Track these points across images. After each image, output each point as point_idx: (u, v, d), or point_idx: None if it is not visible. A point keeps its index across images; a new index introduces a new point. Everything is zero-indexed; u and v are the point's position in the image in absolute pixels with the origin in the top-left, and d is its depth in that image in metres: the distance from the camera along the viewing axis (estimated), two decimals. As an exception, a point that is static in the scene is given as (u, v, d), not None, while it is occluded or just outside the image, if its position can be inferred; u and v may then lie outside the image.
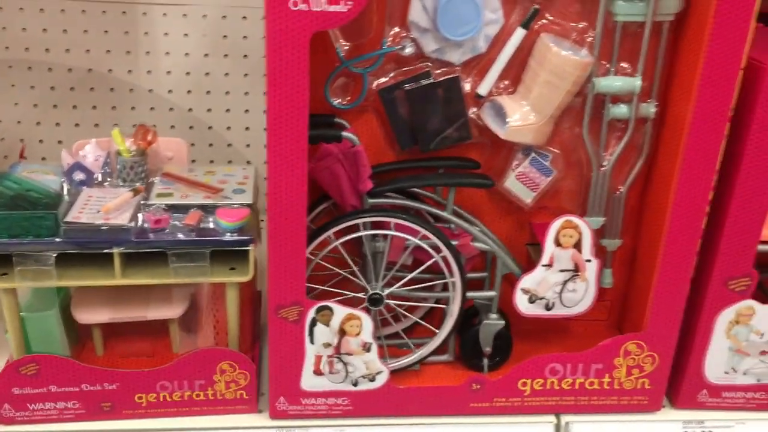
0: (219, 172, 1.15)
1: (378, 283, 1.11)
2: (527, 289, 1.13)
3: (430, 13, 1.02)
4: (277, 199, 0.98)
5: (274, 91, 0.92)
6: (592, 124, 1.11)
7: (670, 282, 1.09)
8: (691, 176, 1.03)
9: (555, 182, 1.16)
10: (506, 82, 1.09)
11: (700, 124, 1.00)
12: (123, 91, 1.60)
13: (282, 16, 0.89)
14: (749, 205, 1.05)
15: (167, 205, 1.04)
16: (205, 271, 1.02)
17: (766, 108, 0.99)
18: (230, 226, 1.02)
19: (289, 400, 1.12)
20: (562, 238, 1.10)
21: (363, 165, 1.05)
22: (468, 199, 1.18)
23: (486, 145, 1.14)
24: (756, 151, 1.01)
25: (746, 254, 1.08)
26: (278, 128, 0.95)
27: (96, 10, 1.52)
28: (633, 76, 1.07)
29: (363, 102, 1.09)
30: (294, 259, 1.02)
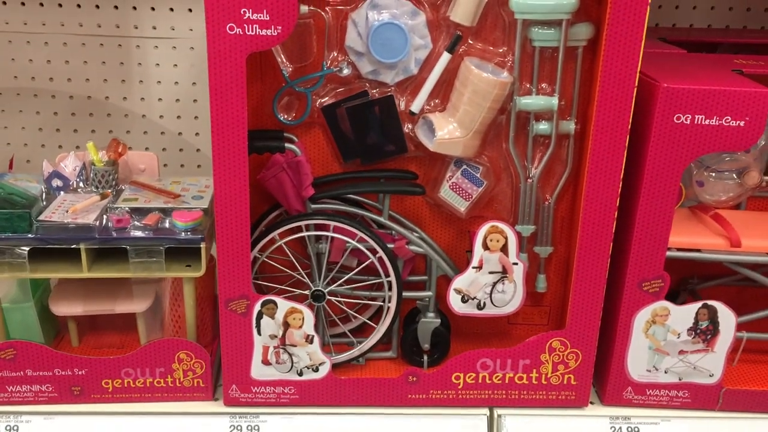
0: (184, 181, 1.29)
1: (320, 281, 1.23)
2: (459, 289, 1.23)
3: (364, 39, 1.15)
4: (223, 203, 1.11)
5: (216, 106, 1.06)
6: (518, 139, 1.22)
7: (586, 283, 1.19)
8: (598, 186, 1.13)
9: (488, 192, 1.26)
10: (436, 100, 1.21)
11: (601, 137, 1.10)
12: (119, 117, 1.76)
13: (220, 40, 1.03)
14: (654, 211, 1.15)
15: (130, 208, 1.17)
16: (161, 267, 1.15)
17: (662, 121, 1.09)
18: (184, 226, 1.15)
19: (240, 388, 1.23)
20: (489, 242, 1.21)
21: (305, 173, 1.17)
22: (411, 209, 1.30)
23: (423, 158, 1.26)
24: (656, 160, 1.11)
25: (657, 257, 1.18)
26: (221, 140, 1.08)
27: (95, 43, 1.69)
28: (552, 95, 1.18)
29: (309, 119, 1.22)
30: (240, 256, 1.14)
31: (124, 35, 1.68)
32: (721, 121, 1.09)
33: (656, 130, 1.10)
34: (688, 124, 1.09)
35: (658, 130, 1.10)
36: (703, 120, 1.09)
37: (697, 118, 1.09)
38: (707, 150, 1.10)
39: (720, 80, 1.11)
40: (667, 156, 1.11)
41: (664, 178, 1.13)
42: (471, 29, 1.16)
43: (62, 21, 1.66)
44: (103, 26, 1.68)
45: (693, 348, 1.23)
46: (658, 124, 1.10)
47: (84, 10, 1.66)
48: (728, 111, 1.08)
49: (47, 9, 1.65)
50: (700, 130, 1.09)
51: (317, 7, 1.15)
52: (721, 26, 1.70)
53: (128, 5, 1.66)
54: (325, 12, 1.15)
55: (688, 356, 1.24)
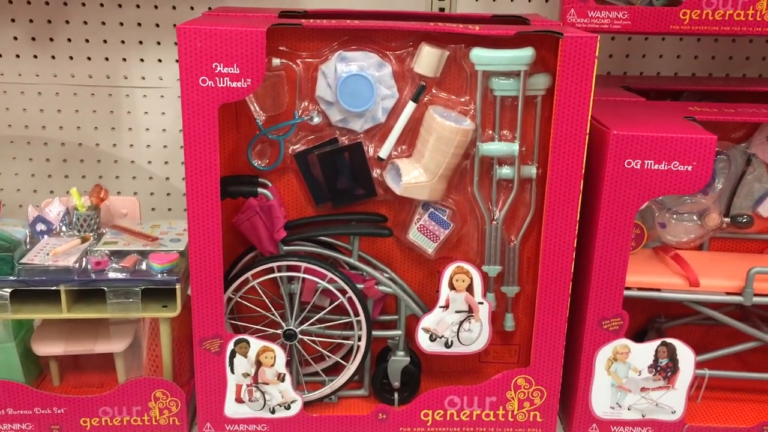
0: (163, 225, 1.34)
1: (293, 320, 1.27)
2: (428, 328, 1.28)
3: (333, 90, 1.21)
4: (197, 246, 1.16)
5: (189, 154, 1.12)
6: (482, 183, 1.27)
7: (548, 322, 1.23)
8: (556, 228, 1.18)
9: (455, 234, 1.31)
10: (403, 146, 1.27)
11: (557, 182, 1.16)
12: (109, 163, 1.82)
13: (194, 92, 1.09)
14: (611, 252, 1.19)
15: (110, 250, 1.23)
16: (137, 307, 1.20)
17: (614, 166, 1.15)
18: (160, 268, 1.20)
19: (214, 426, 1.27)
20: (455, 282, 1.26)
21: (276, 217, 1.23)
22: (382, 249, 1.35)
23: (392, 201, 1.31)
24: (609, 203, 1.17)
25: (615, 296, 1.22)
26: (195, 186, 1.13)
27: (86, 93, 1.76)
28: (513, 142, 1.24)
29: (282, 164, 1.28)
30: (213, 296, 1.19)
31: (114, 85, 1.76)
32: (669, 166, 1.14)
33: (608, 175, 1.15)
34: (638, 168, 1.15)
35: (611, 174, 1.15)
36: (652, 165, 1.14)
37: (647, 163, 1.14)
38: (658, 193, 1.16)
39: (670, 127, 1.17)
40: (620, 199, 1.16)
41: (619, 221, 1.18)
42: (435, 80, 1.22)
43: (55, 72, 1.74)
44: (95, 77, 1.75)
45: (654, 385, 1.27)
46: (610, 169, 1.15)
47: (76, 62, 1.73)
48: (676, 156, 1.13)
49: (41, 60, 1.73)
50: (650, 174, 1.15)
51: (289, 59, 1.22)
52: (687, 74, 1.77)
53: (118, 57, 1.73)
54: (296, 64, 1.22)
55: (650, 393, 1.27)
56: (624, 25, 1.38)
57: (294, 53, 1.22)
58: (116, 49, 1.73)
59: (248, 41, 1.08)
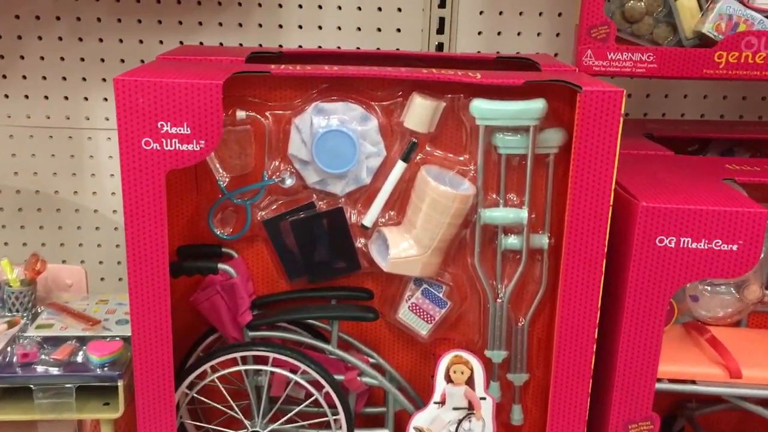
0: (112, 300, 1.15)
1: (259, 419, 1.07)
2: (420, 427, 1.08)
3: (309, 147, 1.03)
4: (141, 338, 0.97)
5: (131, 229, 0.93)
6: (484, 255, 1.08)
7: (563, 425, 1.03)
8: (573, 313, 0.99)
9: (453, 314, 1.12)
10: (392, 212, 1.08)
11: (574, 258, 0.97)
12: (69, 212, 1.64)
13: (135, 156, 0.90)
14: (639, 343, 1.00)
15: (42, 337, 1.04)
16: (71, 408, 1.00)
17: (643, 243, 0.95)
18: (99, 361, 1.01)
19: None
20: (453, 374, 1.06)
21: (240, 297, 1.04)
22: (367, 330, 1.15)
23: (380, 275, 1.12)
24: (638, 286, 0.97)
25: (644, 396, 1.02)
26: (138, 265, 0.94)
27: (43, 135, 1.58)
28: (521, 207, 1.05)
29: (251, 232, 1.09)
30: (162, 396, 0.99)
31: (74, 127, 1.59)
32: (710, 245, 0.95)
33: (637, 253, 0.96)
34: (672, 247, 0.95)
35: (639, 253, 0.96)
36: (690, 243, 0.95)
37: (683, 241, 0.95)
38: (696, 277, 0.96)
39: (709, 195, 0.98)
40: (651, 282, 0.97)
41: (649, 307, 0.98)
42: (428, 135, 1.04)
43: (8, 113, 1.57)
44: (53, 117, 1.58)
45: (690, 498, 1.07)
46: (638, 247, 0.96)
47: (32, 102, 1.57)
48: (719, 233, 0.94)
49: (-8, 100, 1.55)
50: (687, 254, 0.95)
51: (257, 111, 1.03)
52: (715, 116, 1.58)
53: (79, 96, 1.56)
54: (265, 117, 1.04)
55: (685, 507, 1.07)
56: (649, 69, 1.19)
57: (263, 104, 1.04)
58: (77, 87, 1.56)
59: (201, 96, 0.89)
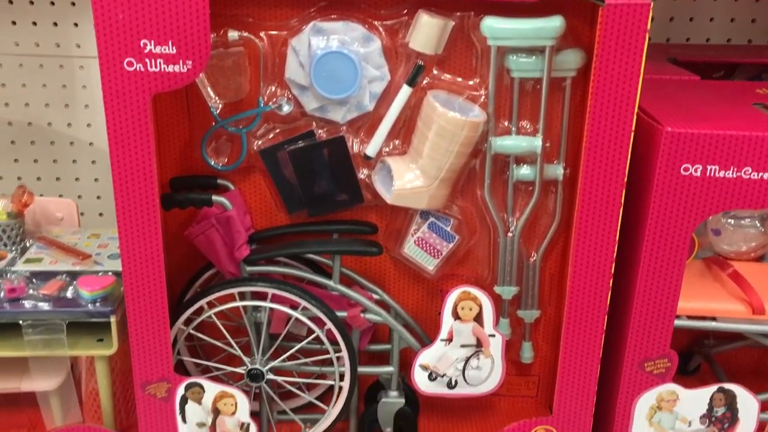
0: (104, 234, 1.10)
1: (259, 356, 1.03)
2: (426, 365, 1.04)
3: (307, 70, 0.95)
4: (132, 268, 0.92)
5: (116, 155, 0.87)
6: (495, 187, 1.02)
7: (576, 362, 0.99)
8: (589, 246, 0.93)
9: (461, 248, 1.07)
10: (396, 141, 1.01)
11: (591, 188, 0.90)
12: (63, 145, 1.58)
13: (117, 78, 0.84)
14: (659, 278, 0.94)
15: (30, 272, 0.99)
16: (62, 344, 0.96)
17: (667, 172, 0.89)
18: (90, 296, 0.96)
19: (165, 483, 1.04)
20: (460, 311, 1.01)
21: (237, 231, 0.98)
22: (372, 266, 1.10)
23: (385, 208, 1.06)
24: (660, 218, 0.91)
25: (662, 333, 0.97)
26: (126, 197, 0.89)
27: (33, 64, 1.51)
28: (534, 135, 0.98)
29: (247, 163, 1.03)
30: (156, 331, 0.95)
31: (65, 55, 1.51)
32: (739, 173, 0.88)
33: (659, 183, 0.89)
34: (698, 176, 0.88)
35: (662, 182, 0.89)
36: (717, 171, 0.88)
37: (710, 169, 0.88)
38: (723, 208, 0.90)
39: (738, 120, 0.91)
40: (674, 213, 0.91)
41: (671, 240, 0.92)
42: (435, 57, 0.96)
43: (-4, 40, 1.49)
44: (42, 45, 1.50)
45: (707, 438, 1.03)
46: (661, 176, 0.89)
47: (20, 28, 1.49)
48: (748, 161, 0.87)
49: (-23, 28, 1.47)
50: (714, 183, 0.88)
51: (250, 32, 0.96)
52: (742, 41, 1.49)
53: (68, 22, 1.48)
54: (259, 38, 0.96)
55: (701, 447, 1.03)
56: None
57: (257, 23, 0.96)
58: (66, 13, 1.47)
59: (186, 10, 0.82)
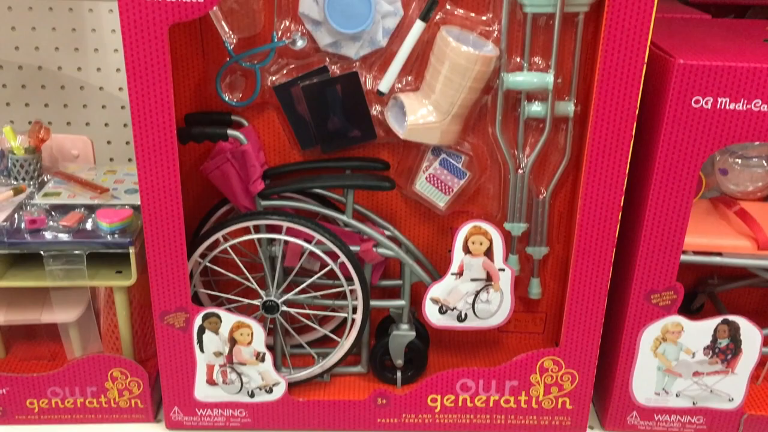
0: (120, 171, 1.12)
1: (274, 289, 1.06)
2: (437, 298, 1.06)
3: (321, 5, 0.96)
4: (150, 200, 0.94)
5: (134, 86, 0.88)
6: (506, 123, 1.03)
7: (584, 295, 1.01)
8: (599, 179, 0.94)
9: (472, 185, 1.08)
10: (409, 77, 1.02)
11: (602, 122, 0.91)
12: (74, 89, 1.58)
13: (135, 8, 0.84)
14: (667, 212, 0.96)
15: (49, 205, 1.01)
16: (82, 275, 0.98)
17: (678, 105, 0.90)
18: (109, 228, 0.98)
19: (183, 411, 1.07)
20: (471, 245, 1.03)
21: (252, 165, 1.00)
22: (383, 203, 1.12)
23: (396, 144, 1.08)
24: (669, 151, 0.92)
25: (669, 266, 0.99)
26: (144, 129, 0.90)
27: (43, 7, 1.51)
28: (546, 72, 0.99)
29: (261, 99, 1.04)
30: (174, 262, 0.97)
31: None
32: (749, 106, 0.89)
33: (670, 116, 0.91)
34: (708, 108, 0.89)
35: (673, 115, 0.90)
36: (727, 104, 0.89)
37: (721, 102, 0.89)
38: (733, 140, 0.91)
39: (749, 54, 0.91)
40: (684, 147, 0.92)
41: (680, 173, 0.93)
42: (448, -8, 0.97)
43: (5, -18, 1.49)
44: (51, -12, 1.50)
45: (710, 369, 1.05)
46: (672, 109, 0.90)
47: (28, -31, 1.48)
48: (759, 93, 0.88)
49: (-14, -31, 1.47)
50: (724, 116, 0.90)
51: (264, -34, 0.96)
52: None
53: (77, -38, 1.48)
54: (273, -28, 0.97)
55: (704, 378, 1.06)
56: None
57: (271, -43, 0.96)
58: (74, -47, 1.47)
59: (204, -60, 0.82)
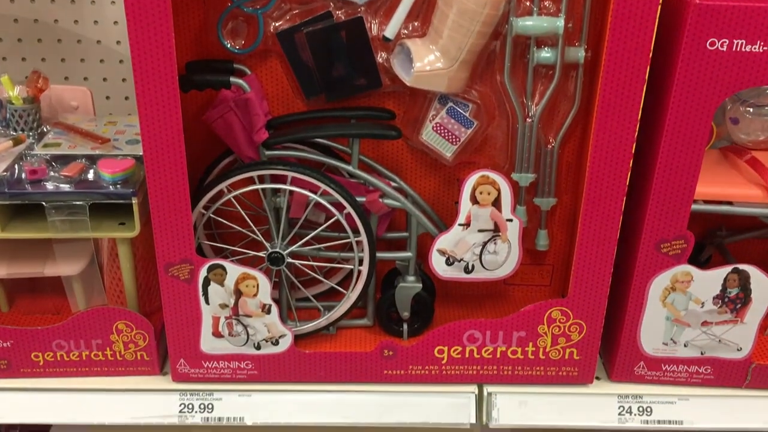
0: (120, 122, 1.10)
1: (279, 241, 1.04)
2: (444, 249, 1.05)
3: (325, -53, 0.93)
4: (153, 149, 0.92)
5: (135, 34, 0.85)
6: (515, 71, 1.01)
7: (593, 244, 1.00)
8: (610, 126, 0.92)
9: (479, 135, 1.06)
10: (416, 23, 0.99)
11: (614, 67, 0.89)
12: (71, 43, 1.55)
13: (134, -53, 0.82)
14: (679, 159, 0.94)
15: (50, 155, 0.99)
16: (85, 226, 0.97)
17: (692, 47, 0.87)
18: (111, 178, 0.96)
19: (190, 363, 1.07)
20: (479, 195, 1.01)
21: (255, 114, 0.98)
22: (389, 153, 1.10)
23: (402, 93, 1.05)
24: (683, 96, 0.90)
25: (679, 214, 0.98)
26: (144, 75, 0.88)
27: (37, -43, 1.48)
28: (557, 16, 0.96)
29: (263, 46, 1.01)
30: (178, 214, 0.96)
31: (70, -53, 1.47)
32: (766, 48, 0.87)
33: (684, 59, 0.88)
34: (724, 51, 0.87)
35: (687, 58, 0.88)
36: (743, 46, 0.87)
37: (737, 44, 0.87)
38: (748, 84, 0.89)
39: (767, -5, 0.89)
40: (698, 91, 0.90)
41: (693, 119, 0.92)
42: (456, -68, 0.94)
43: (-3, -69, 1.45)
44: (46, -62, 1.46)
45: (719, 319, 1.05)
46: (686, 51, 0.88)
47: None
48: (777, 34, 0.86)
49: None
50: (740, 58, 0.87)
51: None
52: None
53: None
54: None
55: (713, 328, 1.05)
56: None
57: None
58: None
59: None
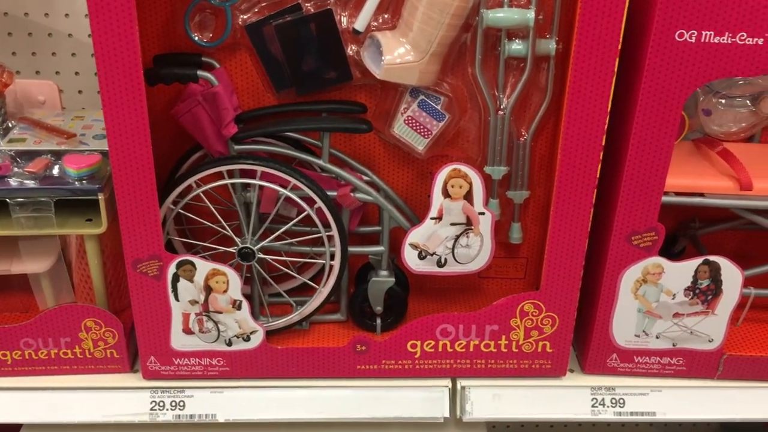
0: (88, 117, 1.08)
1: (249, 236, 1.03)
2: (416, 243, 1.04)
3: (292, -62, 0.92)
4: (118, 144, 0.91)
5: (97, 24, 0.84)
6: (486, 63, 1.00)
7: (564, 237, 0.99)
8: (580, 118, 0.92)
9: (452, 127, 1.06)
10: (386, 15, 0.99)
11: (583, 59, 0.89)
12: (41, 36, 1.53)
13: (94, -61, 0.80)
14: (648, 151, 0.94)
15: (15, 151, 0.97)
16: (51, 223, 0.96)
17: (661, 39, 0.87)
18: (77, 174, 0.95)
19: (160, 360, 1.06)
20: (450, 189, 1.01)
21: (224, 108, 0.97)
22: (361, 147, 1.09)
23: (373, 86, 1.05)
24: (652, 88, 0.90)
25: (650, 206, 0.98)
26: (108, 70, 0.86)
27: (6, -51, 1.45)
28: (527, 8, 0.96)
29: (232, 39, 1.00)
30: (145, 209, 0.94)
31: (39, -61, 1.45)
32: (734, 39, 0.87)
33: (653, 50, 0.88)
34: (692, 42, 0.87)
35: (656, 49, 0.88)
36: (711, 37, 0.87)
37: (705, 35, 0.87)
38: (717, 75, 0.89)
39: (735, -14, 0.89)
40: (667, 83, 0.90)
41: (662, 111, 0.91)
42: (425, -76, 0.93)
43: None
44: (11, -76, 1.43)
45: (690, 310, 1.05)
46: (655, 43, 0.88)
47: None
48: (744, 26, 0.86)
49: None
50: (708, 50, 0.87)
51: None
52: None
53: None
54: None
55: (685, 319, 1.06)
56: None
57: None
58: None
59: None
